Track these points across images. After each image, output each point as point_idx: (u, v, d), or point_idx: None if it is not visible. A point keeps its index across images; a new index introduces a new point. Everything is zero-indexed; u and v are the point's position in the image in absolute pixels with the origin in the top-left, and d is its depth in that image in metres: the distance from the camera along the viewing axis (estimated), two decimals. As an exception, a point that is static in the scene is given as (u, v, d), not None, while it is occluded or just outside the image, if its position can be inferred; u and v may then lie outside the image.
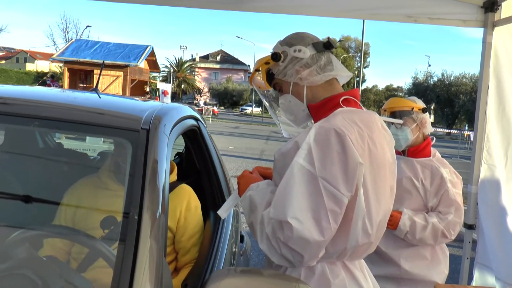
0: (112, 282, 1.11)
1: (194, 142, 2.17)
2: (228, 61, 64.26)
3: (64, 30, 52.11)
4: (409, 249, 2.25)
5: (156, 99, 21.99)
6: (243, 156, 12.47)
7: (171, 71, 50.53)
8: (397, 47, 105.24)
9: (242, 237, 2.68)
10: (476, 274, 2.90)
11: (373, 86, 52.28)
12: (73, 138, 4.90)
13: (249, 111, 42.00)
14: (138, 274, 1.10)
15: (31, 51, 61.49)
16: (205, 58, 64.46)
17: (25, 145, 2.09)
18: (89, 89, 2.09)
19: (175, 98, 46.30)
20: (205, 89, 56.58)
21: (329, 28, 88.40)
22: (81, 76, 31.03)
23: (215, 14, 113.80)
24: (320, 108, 1.41)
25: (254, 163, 11.02)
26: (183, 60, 55.17)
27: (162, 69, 49.95)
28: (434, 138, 2.44)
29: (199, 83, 56.98)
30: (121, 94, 26.27)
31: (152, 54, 33.45)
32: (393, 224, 2.19)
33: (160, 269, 1.17)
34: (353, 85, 32.06)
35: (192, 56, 63.86)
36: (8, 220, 1.58)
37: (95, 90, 1.94)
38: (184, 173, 2.23)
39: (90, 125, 1.48)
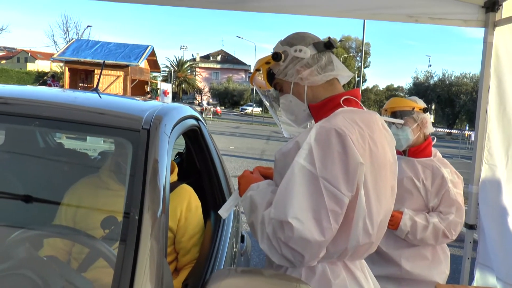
0: (113, 282, 1.10)
1: (195, 142, 2.17)
2: (229, 61, 64.25)
3: (65, 30, 52.04)
4: (410, 249, 2.25)
5: (157, 99, 22.01)
6: (244, 156, 12.46)
7: (172, 71, 50.49)
8: (398, 47, 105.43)
9: (243, 237, 2.68)
10: (477, 274, 2.89)
11: (374, 86, 52.28)
12: (74, 138, 4.89)
13: (249, 111, 42.03)
14: (139, 274, 1.10)
15: (32, 51, 61.54)
16: (206, 58, 64.46)
17: (26, 145, 2.09)
18: (90, 89, 2.09)
19: (176, 98, 46.30)
20: (206, 89, 56.59)
21: (330, 28, 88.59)
22: (82, 76, 30.99)
23: (216, 14, 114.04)
24: (321, 108, 1.41)
25: (255, 163, 11.01)
26: (184, 60, 55.18)
27: (163, 69, 49.96)
28: (435, 138, 2.44)
29: (200, 83, 56.97)
30: (122, 94, 26.27)
31: (153, 54, 33.41)
32: (394, 224, 2.18)
33: (161, 269, 1.16)
34: (354, 85, 32.04)
35: (193, 56, 63.95)
36: (9, 220, 1.58)
37: (96, 90, 1.94)
38: (185, 173, 2.23)
39: (91, 125, 1.48)
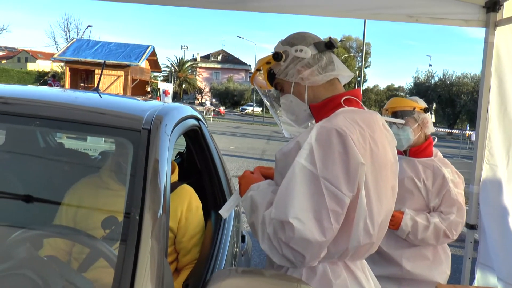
0: (113, 282, 1.10)
1: (195, 142, 2.17)
2: (229, 61, 64.22)
3: (66, 30, 52.03)
4: (411, 249, 2.24)
5: (157, 99, 21.99)
6: (245, 156, 12.46)
7: (172, 71, 50.47)
8: (398, 47, 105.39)
9: (243, 237, 2.68)
10: (478, 275, 2.89)
11: (374, 86, 52.22)
12: (74, 138, 4.89)
13: (249, 111, 42.04)
14: (139, 274, 1.10)
15: (33, 51, 61.56)
16: (206, 58, 64.43)
17: (26, 145, 2.09)
18: (90, 89, 2.09)
19: (176, 98, 46.30)
20: (206, 89, 56.57)
21: (330, 28, 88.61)
22: (82, 76, 30.99)
23: (216, 14, 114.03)
24: (322, 108, 1.41)
25: (256, 163, 11.01)
26: (184, 60, 55.17)
27: (163, 69, 49.94)
28: (436, 138, 2.43)
29: (200, 83, 56.95)
30: (122, 94, 26.28)
31: (153, 54, 33.40)
32: (395, 225, 2.18)
33: (162, 269, 1.16)
34: (354, 85, 32.00)
35: (193, 56, 63.85)
36: (9, 220, 1.58)
37: (96, 90, 1.94)
38: (185, 173, 2.23)
39: (91, 125, 1.48)
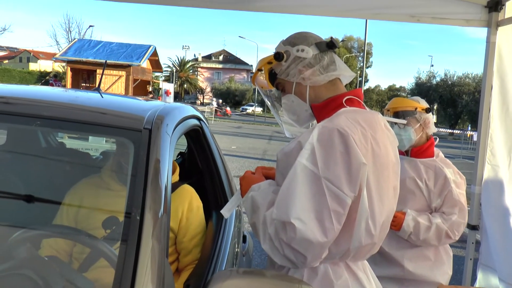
0: (114, 282, 1.10)
1: (197, 142, 2.17)
2: (231, 61, 64.22)
3: (67, 30, 52.13)
4: (413, 250, 2.24)
5: (159, 99, 22.00)
6: (246, 156, 12.46)
7: (174, 71, 50.54)
8: (400, 47, 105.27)
9: (245, 237, 2.68)
10: (480, 275, 2.88)
11: (376, 86, 52.09)
12: (76, 138, 4.89)
13: (250, 111, 42.06)
14: (140, 274, 1.10)
15: (34, 51, 61.64)
16: (208, 58, 64.46)
17: (28, 145, 2.09)
18: (92, 89, 2.08)
19: (178, 98, 46.33)
20: (208, 89, 56.59)
21: (332, 28, 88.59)
22: (84, 76, 30.99)
23: (218, 14, 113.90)
24: (323, 108, 1.40)
25: (257, 163, 11.01)
26: (186, 60, 55.22)
27: (165, 69, 49.99)
28: (437, 138, 2.43)
29: (202, 83, 56.98)
30: (124, 94, 26.29)
31: (155, 54, 33.38)
32: (397, 225, 2.18)
33: (162, 270, 1.16)
34: (356, 85, 31.95)
35: (195, 56, 63.87)
36: (10, 220, 1.58)
37: (98, 90, 1.94)
38: (187, 173, 2.23)
39: (92, 125, 1.48)
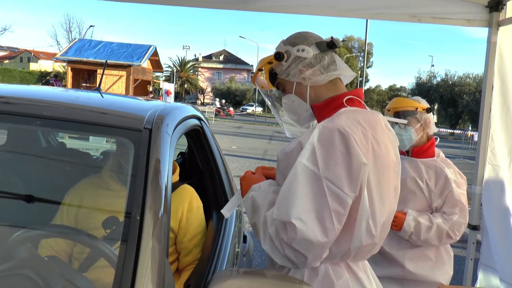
0: (114, 282, 1.10)
1: (197, 142, 2.16)
2: (231, 61, 64.20)
3: (68, 30, 51.94)
4: (413, 250, 2.24)
5: (159, 99, 22.01)
6: (246, 156, 12.46)
7: (174, 71, 50.51)
8: (400, 47, 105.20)
9: (245, 237, 2.67)
10: (480, 275, 2.88)
11: (376, 86, 52.13)
12: (76, 138, 4.89)
13: (250, 111, 42.07)
14: (140, 274, 1.10)
15: (35, 51, 61.64)
16: (208, 58, 64.43)
17: (28, 145, 2.09)
18: (92, 89, 2.08)
19: (178, 98, 46.33)
20: (208, 89, 56.58)
21: (332, 28, 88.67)
22: (84, 76, 31.01)
23: (218, 14, 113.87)
24: (324, 108, 1.40)
25: (257, 163, 11.00)
26: (186, 60, 55.20)
27: (165, 69, 49.97)
28: (438, 138, 2.43)
29: (202, 83, 56.96)
30: (124, 94, 26.29)
31: (155, 54, 33.39)
32: (398, 225, 2.17)
33: (162, 269, 1.16)
34: (356, 85, 31.92)
35: (195, 56, 63.81)
36: (10, 220, 1.57)
37: (98, 90, 1.94)
38: (187, 173, 2.22)
39: (93, 125, 1.48)
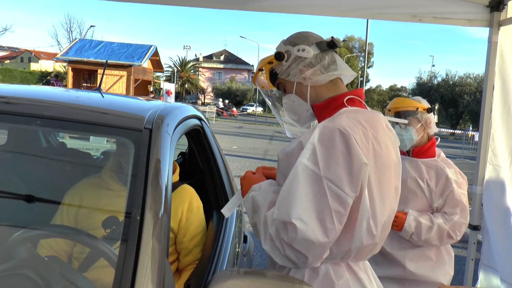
0: (114, 282, 1.10)
1: (197, 142, 2.16)
2: (232, 61, 64.19)
3: (68, 30, 51.97)
4: (414, 250, 2.23)
5: (160, 99, 22.01)
6: (247, 156, 12.46)
7: (175, 71, 50.46)
8: (401, 47, 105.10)
9: (245, 237, 2.67)
10: (481, 276, 2.88)
11: (377, 86, 52.13)
12: (77, 138, 4.90)
13: (250, 111, 42.09)
14: (140, 274, 1.09)
15: (35, 51, 61.67)
16: (209, 58, 64.44)
17: (28, 145, 2.09)
18: (93, 89, 2.08)
19: (179, 98, 46.34)
20: (209, 89, 56.59)
21: (333, 28, 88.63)
22: (85, 76, 31.02)
23: (219, 14, 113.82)
24: (324, 108, 1.40)
25: (258, 163, 11.00)
26: (187, 60, 55.20)
27: (166, 69, 49.97)
28: (439, 138, 2.42)
29: (203, 83, 56.96)
30: (125, 94, 26.30)
31: (156, 54, 33.39)
32: (398, 225, 2.17)
33: (163, 269, 1.16)
34: (357, 85, 31.90)
35: (196, 56, 63.82)
36: (11, 220, 1.57)
37: (99, 90, 1.94)
38: (187, 173, 2.22)
39: (93, 125, 1.48)
